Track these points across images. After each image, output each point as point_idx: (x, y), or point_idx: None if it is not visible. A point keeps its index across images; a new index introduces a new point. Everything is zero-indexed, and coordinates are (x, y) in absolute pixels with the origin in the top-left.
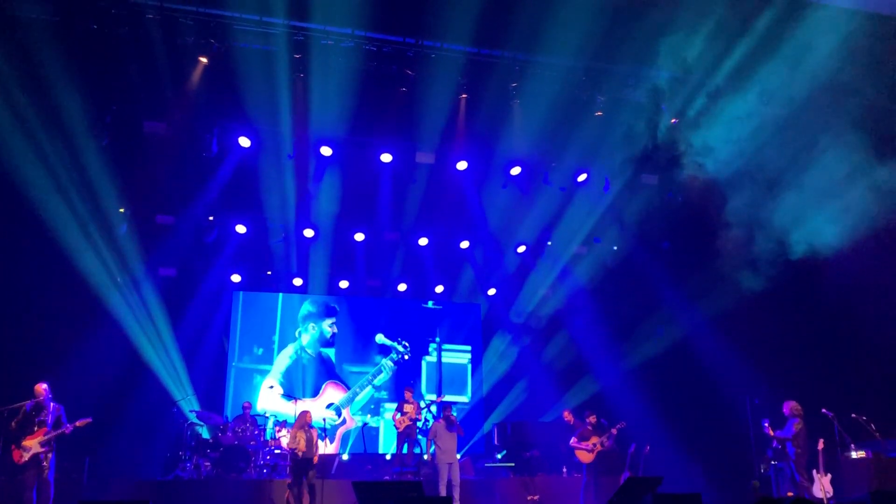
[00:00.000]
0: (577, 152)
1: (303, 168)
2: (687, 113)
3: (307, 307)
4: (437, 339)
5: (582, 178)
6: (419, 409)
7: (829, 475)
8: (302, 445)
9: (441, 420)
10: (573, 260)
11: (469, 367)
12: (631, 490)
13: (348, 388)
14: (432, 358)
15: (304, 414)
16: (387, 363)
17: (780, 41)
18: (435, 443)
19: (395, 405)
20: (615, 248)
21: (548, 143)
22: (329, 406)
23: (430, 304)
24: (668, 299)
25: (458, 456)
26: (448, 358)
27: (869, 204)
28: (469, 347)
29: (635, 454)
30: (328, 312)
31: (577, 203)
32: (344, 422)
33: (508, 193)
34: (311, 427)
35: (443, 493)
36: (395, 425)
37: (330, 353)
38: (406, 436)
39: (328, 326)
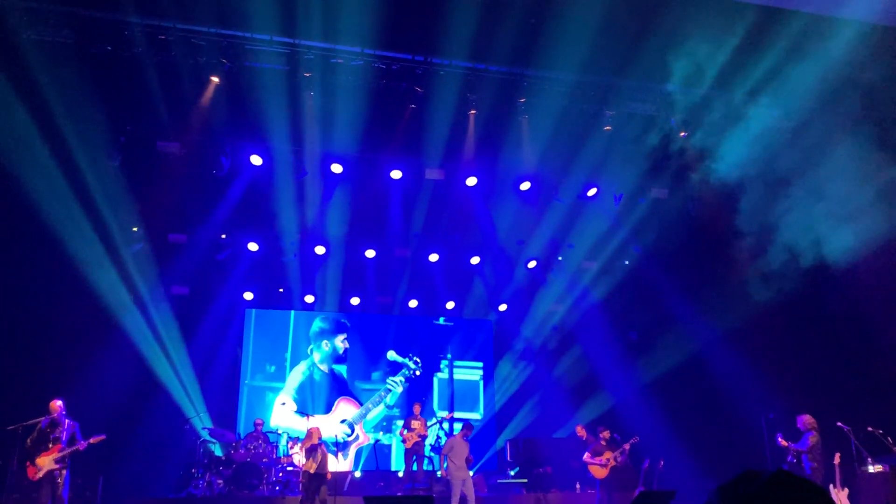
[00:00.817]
0: (586, 167)
1: (314, 186)
2: (697, 125)
3: (318, 324)
4: (449, 356)
5: (592, 192)
6: (426, 426)
7: (847, 490)
8: (310, 463)
9: (458, 435)
10: (584, 274)
11: (481, 383)
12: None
13: (361, 405)
14: (444, 374)
15: (312, 432)
16: (397, 381)
17: (793, 52)
18: (449, 458)
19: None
20: (626, 262)
21: (557, 158)
22: (342, 422)
23: (441, 320)
24: (682, 313)
25: (472, 473)
26: (460, 374)
27: (884, 213)
28: (481, 364)
29: (649, 469)
30: (339, 329)
31: (587, 217)
32: (357, 438)
33: (518, 208)
34: (321, 443)
35: None
36: (402, 441)
37: (342, 369)
38: (414, 452)
39: (340, 342)
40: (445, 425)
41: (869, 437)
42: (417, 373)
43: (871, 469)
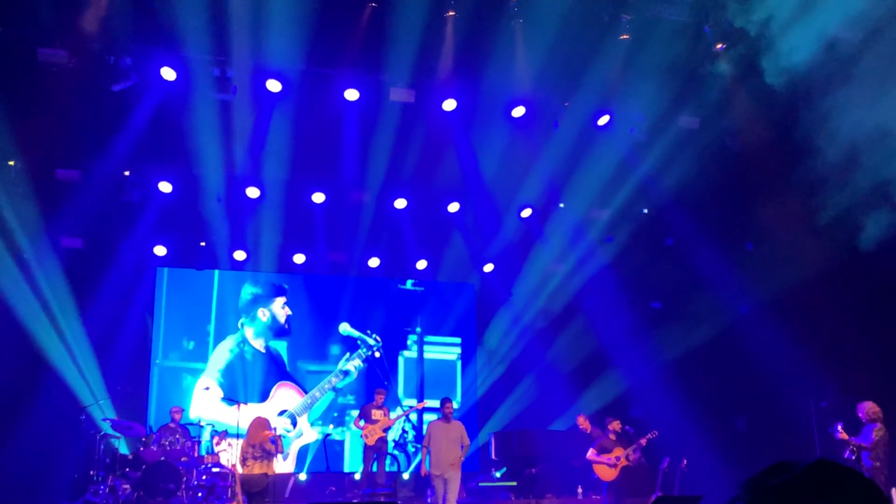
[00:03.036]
0: (596, 88)
1: (245, 109)
2: (738, 34)
3: (249, 289)
4: (419, 330)
5: (603, 120)
6: (389, 415)
7: None
8: (254, 464)
9: (438, 421)
10: (591, 226)
11: (459, 363)
12: None
13: (305, 392)
14: (412, 353)
15: (261, 422)
16: (353, 362)
17: None
18: (430, 449)
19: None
20: (645, 210)
21: (559, 77)
22: (281, 413)
23: (408, 284)
24: (714, 275)
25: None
26: (432, 353)
27: None
28: (459, 340)
29: (669, 470)
30: (277, 292)
31: (596, 153)
32: (300, 433)
33: (509, 141)
34: (273, 440)
35: None
36: (362, 436)
37: (281, 346)
38: (375, 450)
39: (281, 309)
40: (414, 417)
41: None
42: (377, 353)
43: None
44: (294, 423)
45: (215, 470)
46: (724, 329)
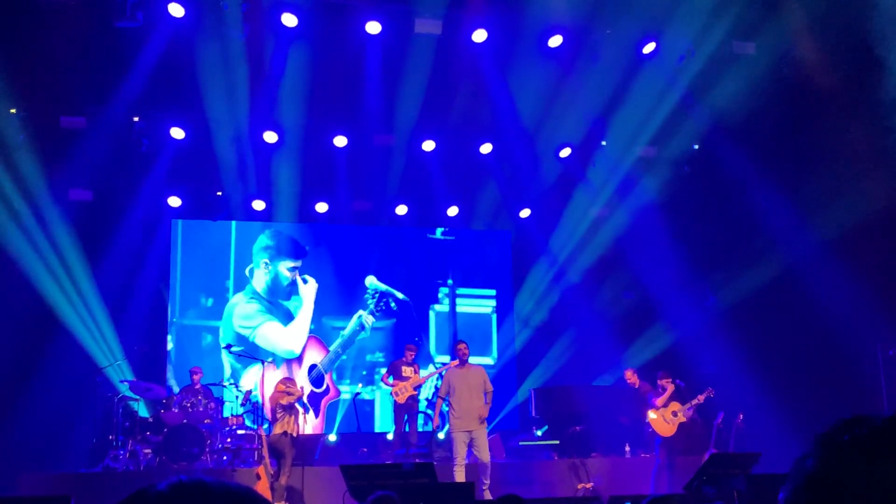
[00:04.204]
0: (640, 13)
1: (260, 46)
2: None
3: (264, 240)
4: (450, 282)
5: (648, 48)
6: (419, 372)
7: None
8: (284, 422)
9: (452, 364)
10: (637, 166)
11: (494, 317)
12: (717, 470)
13: (328, 348)
14: (443, 307)
15: (289, 381)
16: (366, 318)
17: None
18: (448, 401)
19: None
20: (696, 146)
21: (599, 1)
22: (312, 368)
23: (438, 233)
24: (771, 215)
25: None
26: (465, 306)
27: None
28: (494, 292)
29: (724, 426)
30: (293, 252)
31: (641, 85)
32: (327, 391)
33: (546, 74)
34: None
35: (459, 476)
36: (392, 394)
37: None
38: (407, 409)
39: (287, 271)
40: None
41: None
42: (393, 304)
43: None
44: (321, 381)
45: (240, 432)
46: (782, 273)
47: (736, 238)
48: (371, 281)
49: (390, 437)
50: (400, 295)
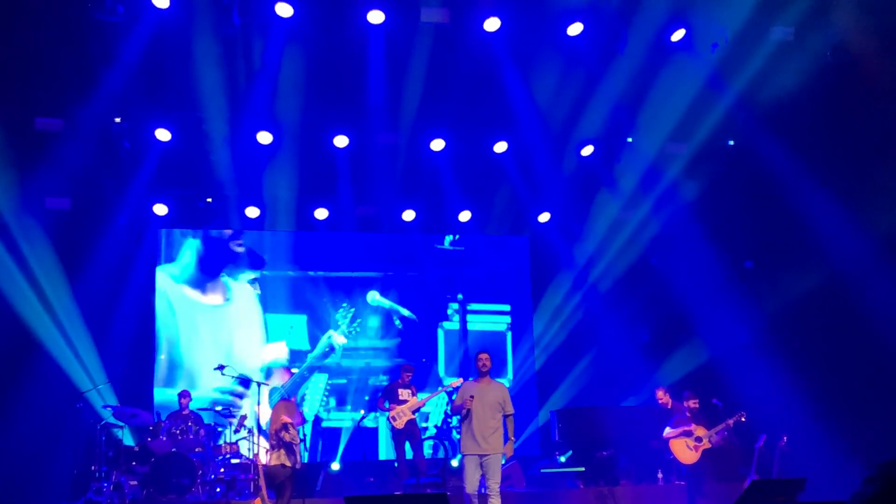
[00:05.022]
0: None
1: (253, 40)
2: None
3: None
4: (461, 297)
5: (678, 35)
6: (417, 395)
7: None
8: (280, 454)
9: (472, 380)
10: (668, 164)
11: (509, 334)
12: (758, 498)
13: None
14: (453, 324)
15: (278, 407)
16: (336, 339)
17: None
18: (462, 420)
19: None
20: (731, 142)
21: None
22: (272, 392)
23: (447, 242)
24: (817, 216)
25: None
26: (478, 324)
27: None
28: (508, 307)
29: (766, 450)
30: (249, 262)
31: (670, 76)
32: None
33: (565, 66)
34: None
35: None
36: (389, 419)
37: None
38: (407, 434)
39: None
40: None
41: None
42: (397, 322)
43: None
44: None
45: (235, 461)
46: (830, 279)
47: (778, 241)
48: (373, 297)
49: (397, 465)
50: (405, 312)
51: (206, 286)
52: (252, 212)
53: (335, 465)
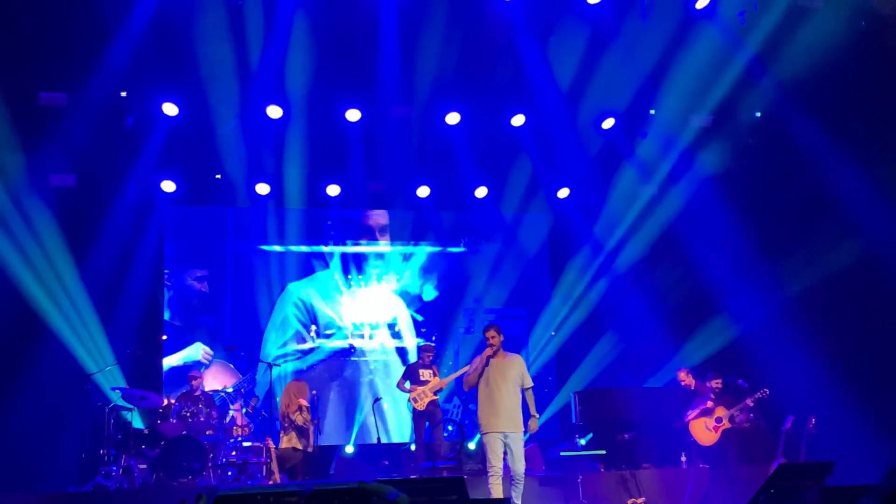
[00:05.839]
0: None
1: (260, 11)
2: None
3: None
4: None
5: (702, 3)
6: (439, 375)
7: None
8: (293, 437)
9: (488, 351)
10: (692, 138)
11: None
12: (786, 482)
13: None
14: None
15: (290, 388)
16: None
17: None
18: (477, 396)
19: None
20: (758, 114)
21: None
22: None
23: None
24: (847, 192)
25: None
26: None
27: None
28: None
29: (793, 432)
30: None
31: (695, 45)
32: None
33: (586, 35)
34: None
35: (496, 490)
36: (409, 399)
37: None
38: (428, 416)
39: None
40: None
41: None
42: None
43: None
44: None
45: (247, 444)
46: (861, 257)
47: (807, 219)
48: None
49: (414, 448)
50: (417, 317)
51: None
52: (262, 188)
53: (349, 448)
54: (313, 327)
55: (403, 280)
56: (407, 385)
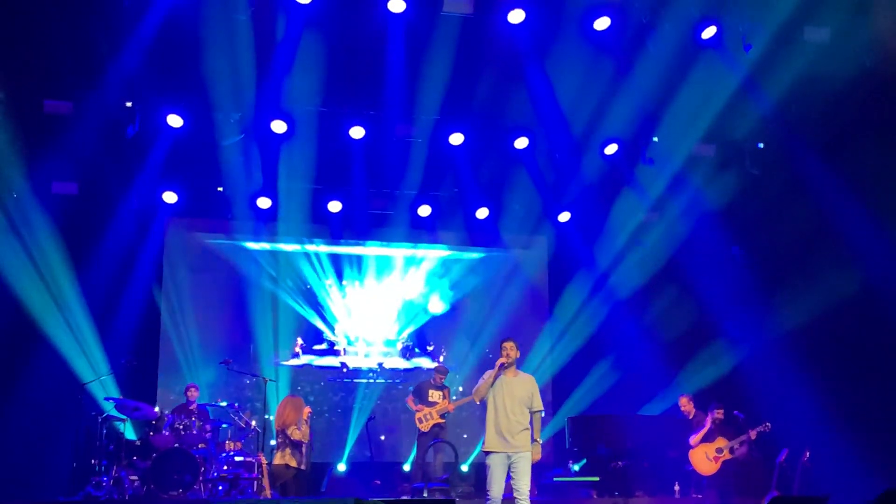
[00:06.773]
0: None
1: (269, 26)
2: None
3: None
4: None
5: (708, 33)
6: (449, 399)
7: None
8: (287, 455)
9: (499, 367)
10: (694, 165)
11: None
12: None
13: None
14: None
15: (285, 404)
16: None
17: None
18: (487, 411)
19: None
20: (760, 144)
21: None
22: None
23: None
24: (848, 223)
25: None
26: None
27: None
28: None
29: (787, 464)
30: None
31: (699, 74)
32: None
33: (591, 61)
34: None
35: None
36: (415, 419)
37: None
38: (432, 437)
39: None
40: None
41: None
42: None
43: None
44: None
45: (238, 459)
46: (860, 289)
47: (807, 249)
48: None
49: (407, 467)
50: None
51: None
52: (263, 202)
53: (341, 466)
54: (299, 340)
55: (405, 291)
56: (415, 404)
